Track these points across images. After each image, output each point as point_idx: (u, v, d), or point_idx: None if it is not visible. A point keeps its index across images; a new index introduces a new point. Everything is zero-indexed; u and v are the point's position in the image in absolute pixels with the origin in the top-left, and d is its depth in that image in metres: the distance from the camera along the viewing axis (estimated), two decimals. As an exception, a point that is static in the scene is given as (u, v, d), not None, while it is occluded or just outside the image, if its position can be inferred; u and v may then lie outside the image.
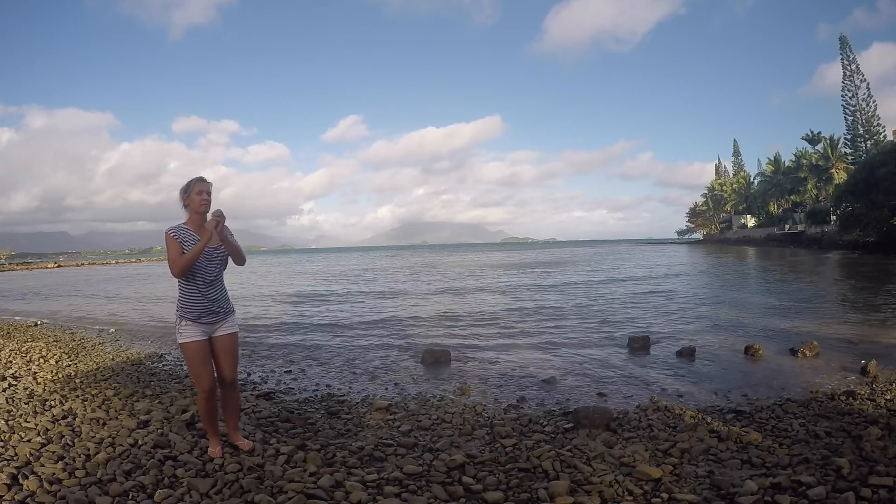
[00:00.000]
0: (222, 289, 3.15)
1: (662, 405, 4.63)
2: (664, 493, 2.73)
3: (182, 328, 3.02)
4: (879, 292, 13.54)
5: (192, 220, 3.07)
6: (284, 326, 10.66)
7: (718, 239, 78.21)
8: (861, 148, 52.08)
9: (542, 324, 10.22)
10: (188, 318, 3.02)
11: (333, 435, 3.74)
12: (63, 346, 8.00)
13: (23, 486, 2.71)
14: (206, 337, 3.08)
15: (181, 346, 3.05)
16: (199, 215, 3.05)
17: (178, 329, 3.04)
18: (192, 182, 3.05)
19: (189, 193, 3.04)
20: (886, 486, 2.64)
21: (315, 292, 18.80)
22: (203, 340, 3.05)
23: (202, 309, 3.04)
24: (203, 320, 3.05)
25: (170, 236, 2.96)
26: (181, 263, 2.91)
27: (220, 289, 3.14)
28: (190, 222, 3.06)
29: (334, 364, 7.09)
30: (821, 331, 8.48)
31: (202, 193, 3.04)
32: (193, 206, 3.03)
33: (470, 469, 3.06)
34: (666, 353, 7.29)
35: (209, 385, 3.06)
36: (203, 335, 3.06)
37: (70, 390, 4.97)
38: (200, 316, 3.04)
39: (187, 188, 3.04)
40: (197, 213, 3.05)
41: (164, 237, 2.97)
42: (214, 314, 3.08)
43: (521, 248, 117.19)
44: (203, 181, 3.06)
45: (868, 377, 5.41)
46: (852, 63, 52.50)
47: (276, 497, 2.66)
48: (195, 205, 3.03)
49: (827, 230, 48.49)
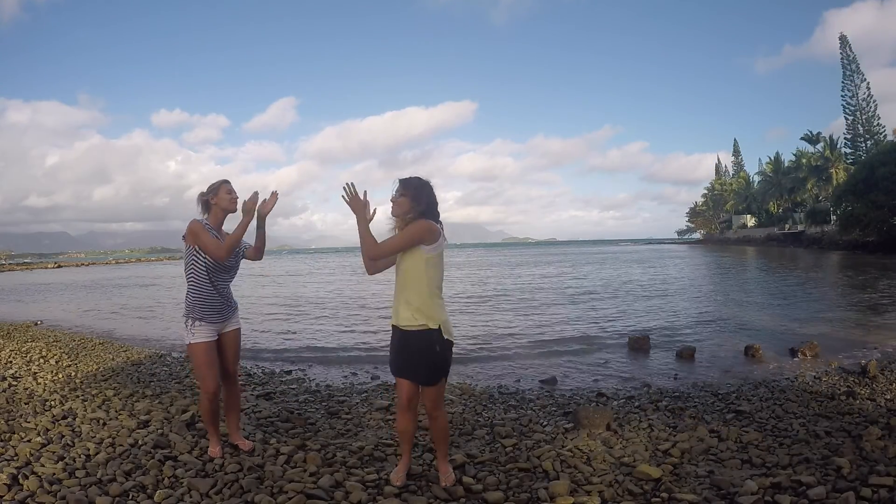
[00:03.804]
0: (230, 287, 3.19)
1: (662, 405, 4.63)
2: (664, 493, 2.73)
3: (194, 329, 2.99)
4: (879, 292, 13.54)
5: (214, 219, 3.09)
6: (285, 326, 10.67)
7: (718, 239, 78.23)
8: (861, 148, 52.06)
9: (543, 324, 10.22)
10: (201, 319, 3.00)
11: (333, 435, 3.73)
12: (63, 346, 8.00)
13: (23, 486, 2.71)
14: (216, 336, 3.08)
15: (190, 347, 3.02)
16: (223, 214, 3.11)
17: (189, 330, 3.01)
18: (218, 183, 3.11)
19: (217, 192, 3.08)
20: (886, 486, 2.64)
21: (315, 292, 18.80)
22: (213, 341, 3.05)
23: (217, 306, 3.04)
24: (215, 318, 3.04)
25: (200, 224, 2.99)
26: (228, 245, 2.94)
27: (229, 286, 3.18)
28: (212, 220, 3.09)
29: (334, 364, 7.09)
30: (821, 331, 8.48)
31: (231, 193, 3.10)
32: (223, 205, 3.08)
33: (470, 469, 3.06)
34: (666, 354, 7.29)
35: (214, 387, 3.05)
36: (213, 335, 3.05)
37: (70, 390, 4.97)
38: (214, 314, 3.03)
39: (215, 188, 3.09)
40: (223, 212, 3.10)
41: (192, 226, 2.97)
42: (226, 311, 3.10)
43: (522, 248, 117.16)
44: (229, 183, 3.13)
45: (868, 377, 5.41)
46: (852, 63, 52.52)
47: (276, 497, 2.66)
48: (225, 203, 3.07)
49: (827, 230, 48.51)
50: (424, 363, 2.60)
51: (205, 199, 3.10)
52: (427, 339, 2.58)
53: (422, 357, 2.59)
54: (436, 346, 2.58)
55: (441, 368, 2.64)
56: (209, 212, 3.10)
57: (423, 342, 2.58)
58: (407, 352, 2.63)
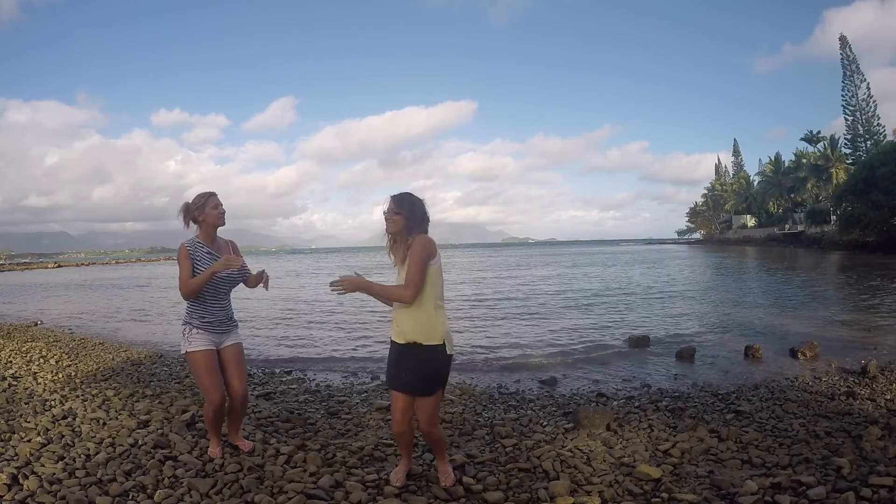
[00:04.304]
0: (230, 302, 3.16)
1: (662, 405, 4.63)
2: (664, 493, 2.73)
3: (191, 337, 2.96)
4: (879, 292, 13.54)
5: (205, 234, 3.04)
6: (284, 326, 10.67)
7: (718, 239, 78.24)
8: (861, 148, 52.06)
9: (542, 324, 10.22)
10: (199, 327, 2.96)
11: (333, 435, 3.73)
12: (63, 346, 8.00)
13: (23, 486, 2.71)
14: (215, 347, 3.02)
15: (188, 356, 2.97)
16: (213, 229, 3.04)
17: (186, 338, 2.97)
18: (204, 196, 3.02)
19: (204, 209, 3.00)
20: (886, 486, 2.64)
21: (315, 292, 18.80)
22: (211, 350, 2.99)
23: (216, 316, 3.01)
24: (213, 329, 3.00)
25: (185, 252, 2.94)
26: (192, 287, 2.89)
27: (229, 301, 3.15)
28: (203, 235, 3.04)
29: (334, 364, 7.09)
30: (821, 331, 8.48)
31: (218, 207, 3.03)
32: (210, 221, 3.01)
33: (470, 469, 3.06)
34: (666, 354, 7.29)
35: (219, 397, 2.98)
36: (212, 345, 3.00)
37: (70, 390, 4.97)
38: (213, 324, 3.00)
39: (201, 204, 3.00)
40: (213, 227, 3.04)
41: (179, 252, 2.95)
42: (225, 324, 3.07)
43: (522, 249, 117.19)
44: (215, 196, 3.05)
45: (868, 377, 5.41)
46: (852, 63, 52.51)
47: (276, 497, 2.66)
48: (212, 219, 3.01)
49: (827, 230, 48.51)
50: (421, 374, 2.59)
51: (192, 215, 3.03)
52: (429, 353, 2.58)
53: (420, 368, 2.59)
54: (436, 360, 2.59)
55: (438, 380, 2.64)
56: (199, 226, 3.04)
57: (425, 355, 2.58)
58: (405, 363, 2.61)
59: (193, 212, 3.03)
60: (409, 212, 2.62)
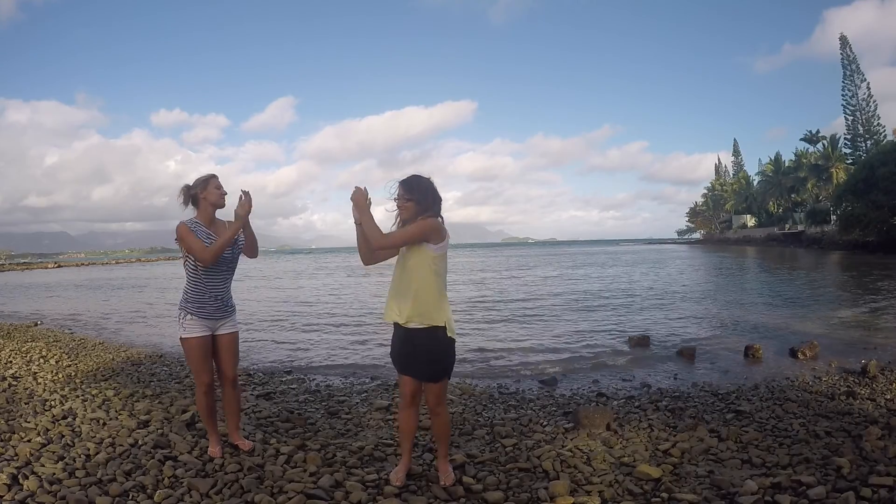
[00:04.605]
0: (230, 284, 3.17)
1: (662, 405, 4.64)
2: (664, 493, 2.73)
3: (186, 323, 3.00)
4: (879, 292, 13.55)
5: (203, 215, 3.05)
6: (285, 326, 10.67)
7: (718, 239, 78.27)
8: (861, 148, 52.06)
9: (543, 324, 10.23)
10: (194, 313, 2.99)
11: (333, 435, 3.73)
12: (63, 346, 8.00)
13: (23, 486, 2.71)
14: (210, 333, 3.06)
15: (183, 341, 3.03)
16: (213, 209, 3.06)
17: (181, 323, 3.01)
18: (206, 178, 3.05)
19: (206, 188, 3.03)
20: (886, 486, 2.64)
21: (315, 292, 18.81)
22: (206, 336, 3.03)
23: (212, 302, 3.03)
24: (209, 315, 3.03)
25: (187, 227, 2.96)
26: (214, 250, 2.91)
27: (230, 283, 3.16)
28: (202, 216, 3.05)
29: (335, 364, 7.09)
30: (821, 331, 8.48)
31: (220, 188, 3.06)
32: (212, 200, 3.03)
33: (470, 469, 3.06)
34: (666, 354, 7.29)
35: (209, 380, 3.07)
36: (207, 331, 3.04)
37: (70, 390, 4.97)
38: (208, 310, 3.02)
39: (203, 183, 3.03)
40: (213, 207, 3.06)
41: (179, 230, 2.95)
42: (222, 310, 3.08)
43: (522, 249, 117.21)
44: (217, 177, 3.08)
45: (868, 377, 5.41)
46: (852, 63, 52.51)
47: (276, 497, 2.66)
48: (214, 198, 3.03)
49: (827, 230, 48.51)
50: (429, 361, 2.62)
51: (192, 193, 3.04)
52: (433, 338, 2.60)
53: (427, 355, 2.62)
54: (441, 344, 2.61)
55: (445, 365, 2.67)
56: (197, 206, 3.05)
57: (429, 341, 2.60)
58: (412, 350, 2.64)
59: (195, 190, 3.04)
60: (420, 196, 2.61)
